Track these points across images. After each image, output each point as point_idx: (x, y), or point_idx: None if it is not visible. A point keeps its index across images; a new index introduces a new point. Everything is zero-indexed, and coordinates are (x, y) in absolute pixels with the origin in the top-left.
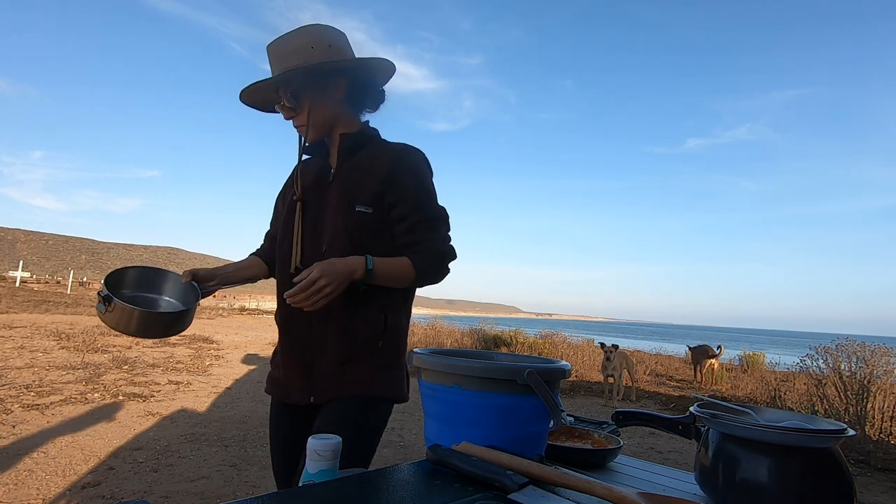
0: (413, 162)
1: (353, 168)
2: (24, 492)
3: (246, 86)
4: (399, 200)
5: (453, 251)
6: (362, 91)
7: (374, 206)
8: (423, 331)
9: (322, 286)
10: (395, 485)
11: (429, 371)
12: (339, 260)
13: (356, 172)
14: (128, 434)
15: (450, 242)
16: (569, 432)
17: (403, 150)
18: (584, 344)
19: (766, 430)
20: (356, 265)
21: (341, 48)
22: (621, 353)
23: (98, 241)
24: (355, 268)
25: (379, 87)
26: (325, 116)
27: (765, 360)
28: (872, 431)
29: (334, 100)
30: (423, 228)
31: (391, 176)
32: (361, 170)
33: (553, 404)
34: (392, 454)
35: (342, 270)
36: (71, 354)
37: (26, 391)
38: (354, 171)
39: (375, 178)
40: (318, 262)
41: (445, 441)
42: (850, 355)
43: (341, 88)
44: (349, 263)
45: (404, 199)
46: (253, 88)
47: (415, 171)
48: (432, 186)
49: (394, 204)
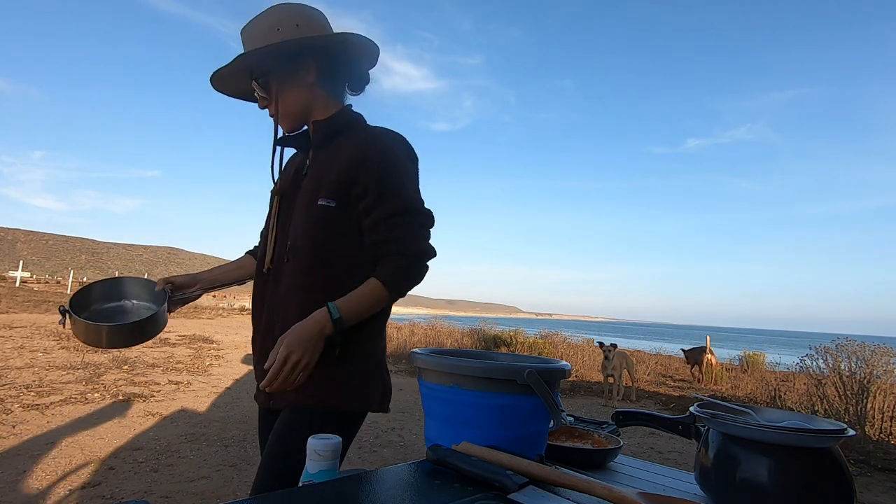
0: (383, 147)
1: (325, 158)
2: (24, 492)
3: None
4: (364, 192)
5: (427, 250)
6: (335, 71)
7: (337, 199)
8: (423, 331)
9: (295, 362)
10: (395, 485)
11: (429, 371)
12: (300, 325)
13: (326, 162)
14: (128, 434)
15: (424, 240)
16: (569, 432)
17: (376, 134)
18: (584, 344)
19: (766, 430)
20: (322, 321)
21: (313, 27)
22: (621, 353)
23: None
24: (322, 324)
25: (357, 66)
26: (296, 103)
27: (765, 360)
28: (872, 431)
29: (306, 83)
30: (390, 225)
31: (357, 164)
32: (331, 159)
33: (553, 404)
34: (392, 454)
35: (310, 334)
36: (71, 354)
37: (26, 391)
38: (325, 162)
39: (341, 168)
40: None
41: (445, 441)
42: (850, 355)
43: (311, 70)
44: (314, 324)
45: (369, 191)
46: (220, 76)
47: (384, 157)
48: (407, 176)
49: (360, 196)
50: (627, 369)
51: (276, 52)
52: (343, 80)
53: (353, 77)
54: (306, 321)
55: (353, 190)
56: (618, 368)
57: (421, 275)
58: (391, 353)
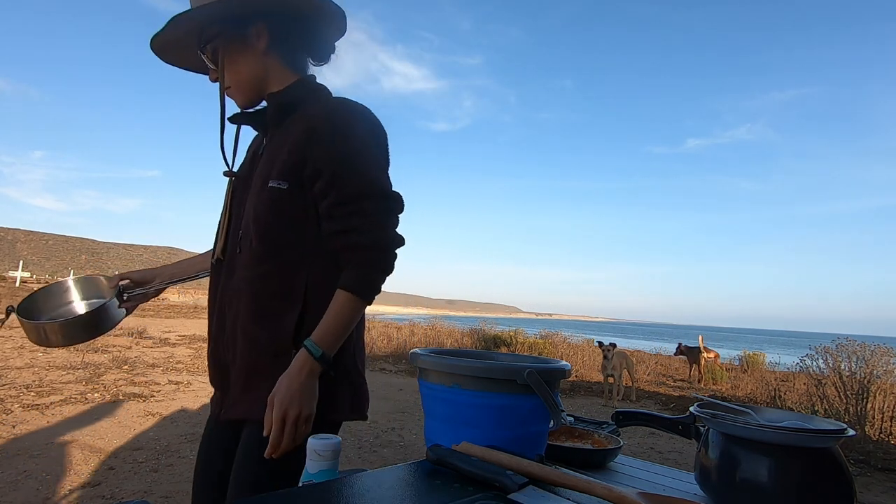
0: (339, 120)
1: (280, 135)
2: (24, 492)
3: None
4: (317, 173)
5: (393, 240)
6: (290, 37)
7: (290, 180)
8: (423, 331)
9: (295, 417)
10: (395, 485)
11: (429, 371)
12: (286, 376)
13: (280, 140)
14: (128, 434)
15: (389, 229)
16: (569, 432)
17: (333, 106)
18: (583, 344)
19: (766, 430)
20: (305, 364)
21: None
22: (620, 353)
23: (98, 241)
24: (307, 367)
25: (318, 31)
26: (246, 73)
27: (765, 360)
28: (872, 431)
29: (257, 51)
30: (348, 212)
31: (308, 140)
32: (285, 136)
33: (553, 404)
34: (392, 454)
35: (299, 381)
36: (71, 354)
37: (26, 391)
38: (280, 139)
39: (292, 146)
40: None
41: (445, 441)
42: (850, 355)
43: (263, 35)
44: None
45: (323, 172)
46: (162, 44)
47: (339, 131)
48: (367, 154)
49: (312, 177)
50: (627, 369)
51: (219, 13)
52: (302, 48)
53: (314, 45)
54: (290, 369)
55: (306, 170)
56: (618, 368)
57: (389, 267)
58: (391, 353)
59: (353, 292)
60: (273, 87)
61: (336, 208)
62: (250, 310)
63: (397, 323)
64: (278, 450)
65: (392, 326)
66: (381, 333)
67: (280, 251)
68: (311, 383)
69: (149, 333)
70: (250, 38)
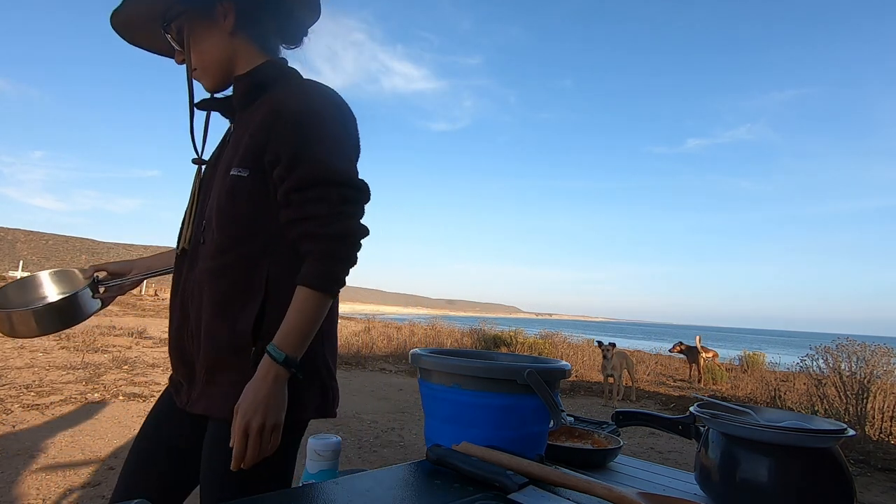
0: (301, 103)
1: (245, 120)
2: (24, 492)
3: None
4: (278, 157)
5: (354, 230)
6: (258, 16)
7: (251, 166)
8: (423, 331)
9: (259, 427)
10: (395, 485)
11: (429, 371)
12: (250, 384)
13: (245, 125)
14: (128, 434)
15: (350, 218)
16: (569, 432)
17: (299, 88)
18: (584, 344)
19: (766, 430)
20: (269, 371)
21: None
22: (620, 353)
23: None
24: (272, 373)
25: (288, 11)
26: (212, 54)
27: (765, 360)
28: (872, 431)
29: (223, 31)
30: (304, 199)
31: (269, 124)
32: (249, 121)
33: (553, 404)
34: (392, 454)
35: (263, 389)
36: (71, 354)
37: (26, 391)
38: (245, 124)
39: (257, 129)
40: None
41: (446, 441)
42: (850, 355)
43: (229, 14)
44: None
45: (282, 156)
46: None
47: (300, 115)
48: (330, 138)
49: (273, 162)
50: (627, 369)
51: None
52: (272, 29)
53: (284, 26)
54: (255, 376)
55: (266, 156)
56: (617, 368)
57: (351, 258)
58: (391, 353)
59: (314, 287)
60: (241, 70)
61: (293, 194)
62: (210, 303)
63: (397, 323)
64: (243, 462)
65: (392, 326)
66: (381, 333)
67: (241, 242)
68: (277, 390)
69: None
70: (217, 18)
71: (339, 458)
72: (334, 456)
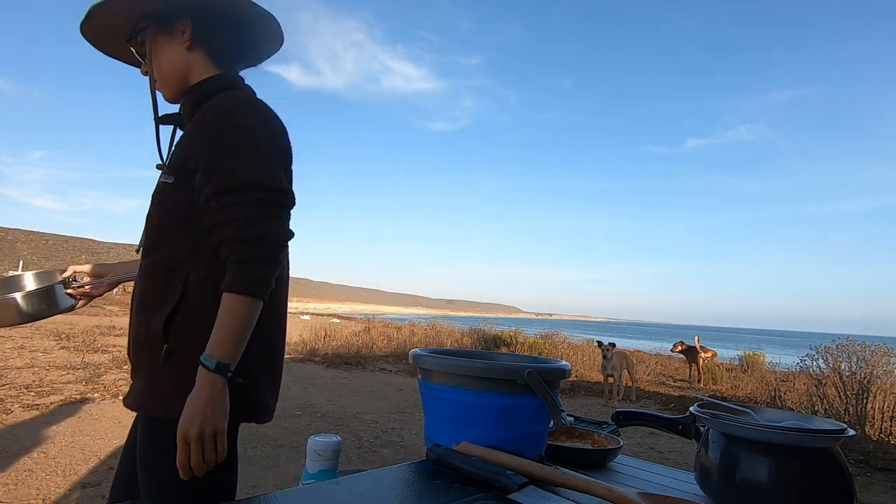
0: (226, 112)
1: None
2: (24, 492)
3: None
4: (198, 164)
5: (272, 232)
6: (214, 34)
7: (176, 173)
8: (423, 331)
9: (197, 435)
10: (395, 485)
11: (429, 371)
12: (191, 394)
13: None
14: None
15: (268, 220)
16: (569, 432)
17: (228, 99)
18: (584, 344)
19: (766, 430)
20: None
21: None
22: (620, 353)
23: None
24: (209, 382)
25: (244, 33)
26: (170, 67)
27: (765, 360)
28: (872, 431)
29: (181, 45)
30: (220, 205)
31: (193, 132)
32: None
33: (553, 404)
34: (392, 454)
35: (202, 399)
36: (71, 354)
37: (26, 391)
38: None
39: (185, 138)
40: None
41: (446, 441)
42: (850, 355)
43: (188, 30)
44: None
45: (201, 163)
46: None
47: (221, 122)
48: (250, 146)
49: (195, 169)
50: (627, 369)
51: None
52: (228, 46)
53: (243, 49)
54: (194, 387)
55: (189, 163)
56: (617, 368)
57: (274, 261)
58: (391, 353)
59: (236, 291)
60: (193, 83)
61: (212, 200)
62: (135, 303)
63: (397, 323)
64: (189, 471)
65: (392, 326)
66: (380, 333)
67: (163, 246)
68: (214, 397)
69: None
70: (176, 32)
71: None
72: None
